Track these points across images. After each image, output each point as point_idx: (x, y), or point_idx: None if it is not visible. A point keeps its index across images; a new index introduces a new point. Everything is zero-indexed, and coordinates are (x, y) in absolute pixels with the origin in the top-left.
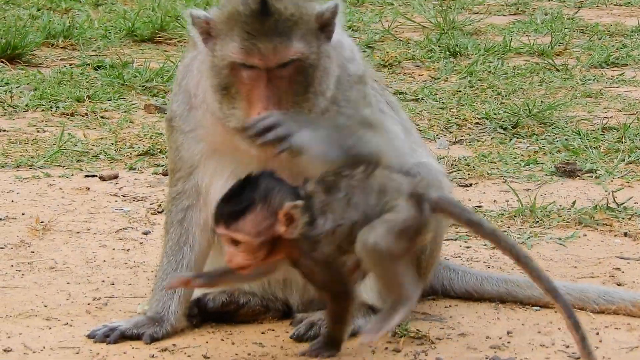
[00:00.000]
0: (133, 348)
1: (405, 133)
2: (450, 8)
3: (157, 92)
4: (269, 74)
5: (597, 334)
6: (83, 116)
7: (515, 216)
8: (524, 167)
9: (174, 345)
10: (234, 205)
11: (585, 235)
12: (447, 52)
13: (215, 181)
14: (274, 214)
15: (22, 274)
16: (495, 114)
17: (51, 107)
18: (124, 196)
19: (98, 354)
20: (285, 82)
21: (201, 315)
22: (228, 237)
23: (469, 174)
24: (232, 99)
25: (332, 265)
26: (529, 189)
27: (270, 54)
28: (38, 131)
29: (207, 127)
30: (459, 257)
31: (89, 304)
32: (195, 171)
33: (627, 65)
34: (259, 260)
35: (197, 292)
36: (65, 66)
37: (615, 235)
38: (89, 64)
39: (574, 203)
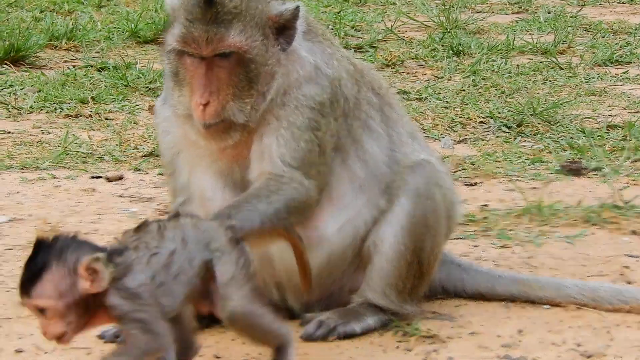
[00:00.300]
0: None
1: (397, 145)
2: (452, 7)
3: (161, 93)
4: (209, 64)
5: (608, 332)
6: (87, 117)
7: (522, 215)
8: (529, 165)
9: None
10: (29, 271)
11: (593, 234)
12: (451, 51)
13: (195, 177)
14: (73, 272)
15: None
16: (499, 113)
17: (55, 108)
18: (130, 197)
19: None
20: (225, 73)
21: (210, 316)
22: (33, 307)
23: (474, 173)
24: (180, 86)
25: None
26: (535, 188)
27: (204, 43)
28: (43, 133)
29: (177, 120)
30: (467, 256)
31: None
32: (175, 167)
33: (631, 63)
34: (77, 327)
35: None
36: (69, 68)
37: (623, 233)
38: (92, 66)
39: (580, 201)
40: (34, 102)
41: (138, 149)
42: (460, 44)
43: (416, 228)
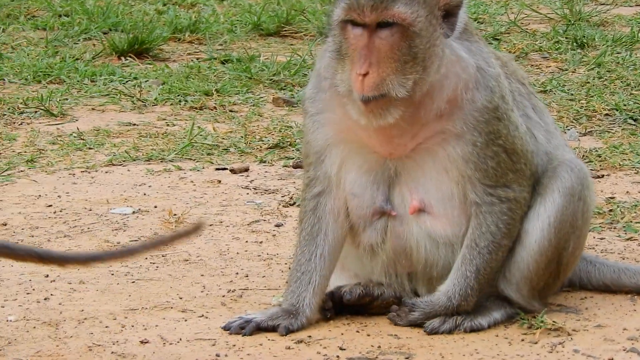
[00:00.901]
0: (268, 340)
1: (549, 135)
2: None
3: (285, 86)
4: (371, 35)
5: None
6: (212, 110)
7: None
8: None
9: (309, 337)
10: None
11: None
12: (574, 44)
13: (344, 172)
14: None
15: (157, 267)
16: (625, 105)
17: (180, 100)
18: (255, 189)
19: (234, 345)
20: (387, 46)
21: (335, 308)
22: None
23: (600, 165)
24: (343, 62)
25: None
26: None
27: (368, 10)
28: (168, 125)
29: (332, 110)
30: (593, 248)
31: (223, 296)
32: (324, 158)
33: None
34: None
35: (332, 285)
36: (192, 60)
37: None
38: (216, 58)
39: None
40: (159, 94)
41: (263, 140)
42: (584, 36)
43: (563, 227)
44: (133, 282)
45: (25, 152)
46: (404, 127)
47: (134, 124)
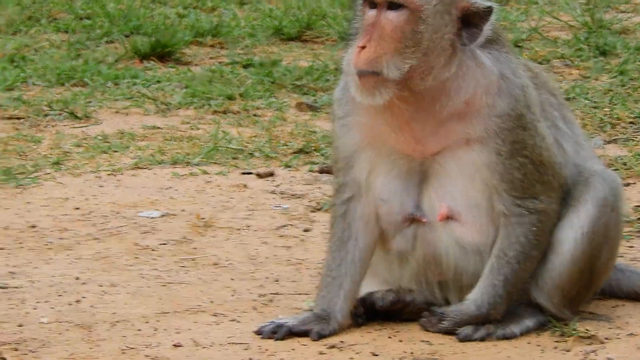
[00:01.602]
0: (301, 345)
1: (578, 147)
2: (596, 6)
3: (308, 91)
4: (380, 14)
5: None
6: (235, 114)
7: None
8: None
9: (341, 342)
10: None
11: None
12: (596, 51)
13: (373, 177)
14: None
15: (186, 270)
16: None
17: (203, 104)
18: (281, 193)
19: (267, 350)
20: (391, 26)
21: (367, 314)
22: None
23: (626, 174)
24: (354, 44)
25: None
26: None
27: None
28: (192, 128)
29: (359, 113)
30: (622, 256)
31: (254, 301)
32: (353, 163)
33: None
34: None
35: (363, 291)
36: (214, 64)
37: None
38: (238, 62)
39: None
40: (182, 98)
41: (287, 145)
42: (606, 44)
43: (596, 237)
44: (164, 285)
45: (50, 154)
46: (417, 117)
47: (159, 128)
